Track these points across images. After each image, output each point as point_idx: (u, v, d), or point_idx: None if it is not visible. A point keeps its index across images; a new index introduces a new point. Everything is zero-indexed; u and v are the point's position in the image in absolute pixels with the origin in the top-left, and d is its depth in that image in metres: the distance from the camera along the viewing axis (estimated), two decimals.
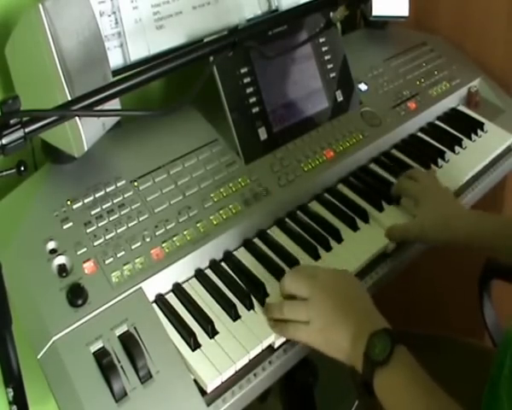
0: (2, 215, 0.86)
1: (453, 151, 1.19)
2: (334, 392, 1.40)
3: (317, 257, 0.92)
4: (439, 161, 1.15)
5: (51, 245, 0.80)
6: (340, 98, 1.15)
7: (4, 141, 0.62)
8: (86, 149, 0.84)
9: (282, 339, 0.81)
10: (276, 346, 0.80)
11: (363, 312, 0.78)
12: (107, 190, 0.88)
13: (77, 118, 0.80)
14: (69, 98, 0.78)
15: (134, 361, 0.72)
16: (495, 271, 1.09)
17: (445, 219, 0.95)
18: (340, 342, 0.76)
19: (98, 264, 0.80)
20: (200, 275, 0.87)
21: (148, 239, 0.84)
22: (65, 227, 0.82)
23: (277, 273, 0.88)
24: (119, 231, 0.84)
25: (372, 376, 0.72)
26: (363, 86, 1.23)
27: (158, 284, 0.83)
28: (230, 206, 0.92)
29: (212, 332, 0.79)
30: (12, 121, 0.63)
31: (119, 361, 0.72)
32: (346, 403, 1.55)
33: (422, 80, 1.31)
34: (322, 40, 1.14)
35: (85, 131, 0.82)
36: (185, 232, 0.87)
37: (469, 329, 1.40)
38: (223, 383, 0.75)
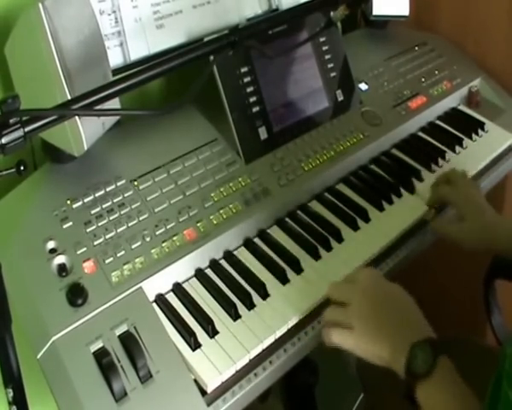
0: (1, 215, 0.86)
1: (454, 151, 1.19)
2: (334, 392, 1.40)
3: (317, 257, 0.92)
4: (440, 160, 1.14)
5: (51, 245, 0.80)
6: (340, 98, 1.15)
7: (4, 140, 0.62)
8: (86, 148, 0.84)
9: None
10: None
11: (404, 318, 0.76)
12: (107, 189, 0.88)
13: (76, 117, 0.80)
14: (69, 97, 0.78)
15: (134, 361, 0.72)
16: (501, 270, 1.09)
17: (490, 229, 0.96)
18: (380, 351, 0.74)
19: (98, 263, 0.80)
20: (200, 275, 0.87)
21: (148, 239, 0.84)
22: (65, 227, 0.82)
23: (278, 273, 0.88)
24: (118, 230, 0.84)
25: (414, 387, 0.70)
26: (363, 86, 1.22)
27: (158, 284, 0.82)
28: (231, 205, 0.92)
29: (212, 332, 0.79)
30: (12, 121, 0.63)
31: (119, 361, 0.72)
32: (346, 403, 1.55)
33: (423, 80, 1.30)
34: (322, 39, 1.14)
35: (85, 131, 0.82)
36: (185, 232, 0.87)
37: (472, 326, 1.40)
38: (223, 383, 0.75)
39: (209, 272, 0.88)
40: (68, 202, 0.85)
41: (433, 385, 0.69)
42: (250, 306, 0.83)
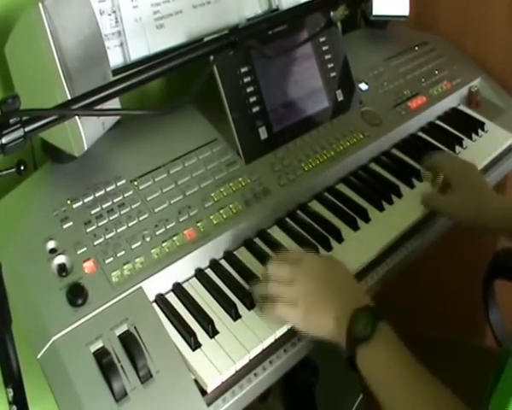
0: (1, 215, 0.86)
1: (454, 151, 1.19)
2: (334, 392, 1.39)
3: None
4: None
5: (51, 245, 0.80)
6: (340, 98, 1.15)
7: (4, 140, 0.62)
8: (86, 148, 0.84)
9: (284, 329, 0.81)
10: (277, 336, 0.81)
11: (347, 292, 0.80)
12: (107, 189, 0.88)
13: (77, 117, 0.80)
14: (69, 97, 0.78)
15: (134, 361, 0.72)
16: (501, 270, 1.09)
17: (481, 202, 0.98)
18: (325, 322, 0.77)
19: (98, 263, 0.80)
20: (200, 275, 0.87)
21: (148, 239, 0.84)
22: (65, 227, 0.82)
23: None
24: (119, 230, 0.84)
25: (355, 352, 0.73)
26: (363, 86, 1.22)
27: (158, 284, 0.82)
28: (231, 205, 0.92)
29: (212, 332, 0.79)
30: (12, 120, 0.63)
31: (119, 361, 0.72)
32: (346, 402, 1.55)
33: (423, 80, 1.30)
34: (322, 39, 1.14)
35: (85, 131, 0.82)
36: (185, 232, 0.87)
37: (471, 326, 1.40)
38: (223, 382, 0.75)
39: (209, 272, 0.88)
40: (68, 202, 0.85)
41: (373, 349, 0.72)
42: (250, 306, 0.83)
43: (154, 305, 0.81)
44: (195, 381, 0.74)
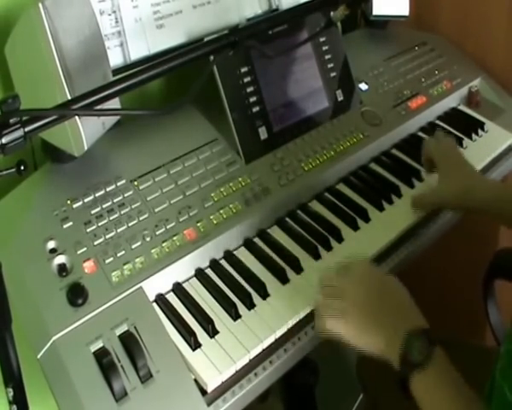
0: (2, 215, 0.86)
1: None
2: (334, 392, 1.39)
3: (317, 257, 0.92)
4: None
5: (51, 245, 0.80)
6: (340, 98, 1.15)
7: (4, 140, 0.62)
8: (86, 148, 0.84)
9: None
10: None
11: (399, 308, 0.77)
12: (107, 189, 0.88)
13: (77, 117, 0.80)
14: (69, 97, 0.78)
15: (134, 361, 0.72)
16: (501, 270, 1.09)
17: (466, 188, 0.98)
18: (376, 340, 0.74)
19: (98, 263, 0.80)
20: (200, 274, 0.87)
21: (148, 239, 0.84)
22: (65, 227, 0.82)
23: (278, 273, 0.88)
24: (119, 230, 0.84)
25: (409, 376, 0.70)
26: (363, 86, 1.23)
27: (158, 284, 0.83)
28: (231, 205, 0.92)
29: (212, 332, 0.79)
30: (12, 120, 0.63)
31: (120, 361, 0.72)
32: (346, 403, 1.55)
33: (423, 80, 1.31)
34: (322, 39, 1.14)
35: (85, 131, 0.82)
36: (185, 232, 0.87)
37: (472, 327, 1.40)
38: (223, 382, 0.75)
39: (209, 271, 0.88)
40: (68, 202, 0.85)
41: (429, 375, 0.69)
42: (250, 306, 0.83)
43: (154, 305, 0.81)
44: (195, 381, 0.74)
